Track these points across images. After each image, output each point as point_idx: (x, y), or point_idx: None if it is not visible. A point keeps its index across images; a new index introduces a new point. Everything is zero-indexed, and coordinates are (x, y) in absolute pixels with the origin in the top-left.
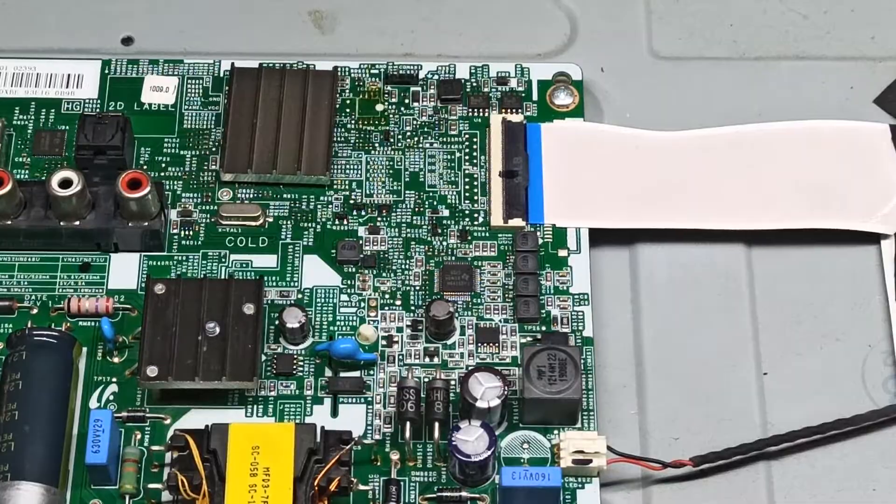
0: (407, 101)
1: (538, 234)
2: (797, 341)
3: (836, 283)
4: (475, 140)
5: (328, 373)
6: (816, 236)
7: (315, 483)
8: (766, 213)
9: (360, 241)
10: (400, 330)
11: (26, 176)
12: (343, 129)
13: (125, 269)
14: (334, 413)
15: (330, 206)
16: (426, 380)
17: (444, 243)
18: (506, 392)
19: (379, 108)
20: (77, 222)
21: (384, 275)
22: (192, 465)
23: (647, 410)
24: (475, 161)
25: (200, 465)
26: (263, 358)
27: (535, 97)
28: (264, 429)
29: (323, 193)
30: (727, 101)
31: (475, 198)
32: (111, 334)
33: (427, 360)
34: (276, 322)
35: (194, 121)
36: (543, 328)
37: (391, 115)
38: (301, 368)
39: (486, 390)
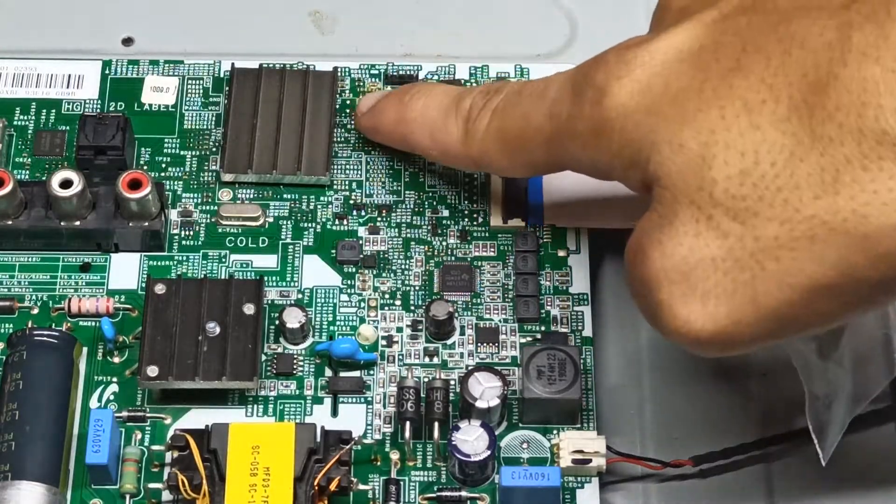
0: None
1: (538, 234)
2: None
3: None
4: None
5: (328, 373)
6: None
7: (315, 483)
8: None
9: (360, 242)
10: (400, 330)
11: (27, 176)
12: (343, 130)
13: (125, 270)
14: (334, 413)
15: (330, 206)
16: (426, 380)
17: (444, 243)
18: (505, 392)
19: None
20: (77, 222)
21: (384, 275)
22: (192, 464)
23: (646, 410)
24: None
25: (200, 465)
26: (263, 358)
27: None
28: (264, 428)
29: (323, 193)
30: None
31: (475, 198)
32: (111, 334)
33: (427, 360)
34: (276, 322)
35: (194, 121)
36: (543, 328)
37: None
38: (301, 368)
39: (486, 390)
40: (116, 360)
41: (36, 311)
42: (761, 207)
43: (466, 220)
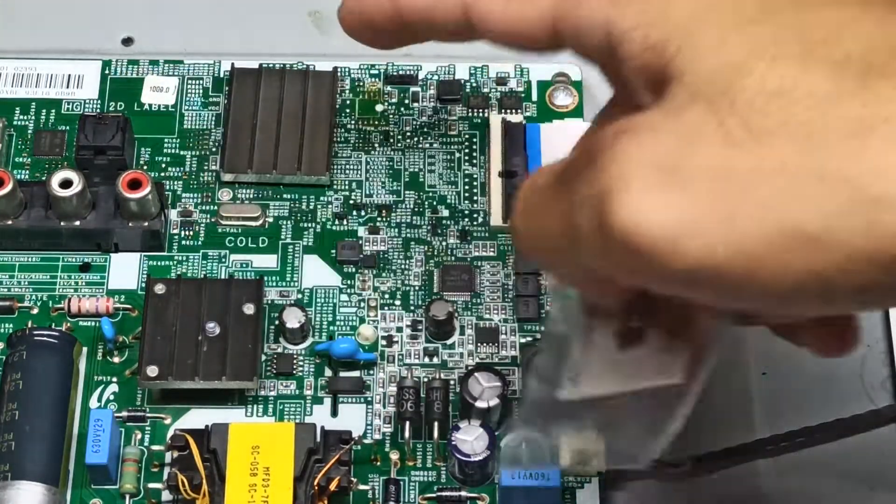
0: (406, 101)
1: None
2: None
3: None
4: (475, 140)
5: (328, 373)
6: None
7: (315, 483)
8: None
9: (360, 241)
10: (400, 330)
11: (27, 176)
12: (343, 130)
13: (125, 269)
14: (334, 413)
15: (330, 206)
16: (426, 380)
17: (444, 243)
18: (505, 392)
19: (379, 108)
20: (77, 222)
21: (384, 275)
22: (192, 464)
23: None
24: (475, 161)
25: (200, 465)
26: (263, 358)
27: (534, 97)
28: (264, 428)
29: (323, 193)
30: None
31: (475, 198)
32: (111, 334)
33: (427, 359)
34: (276, 322)
35: (194, 121)
36: (543, 328)
37: (391, 116)
38: (301, 368)
39: (486, 390)
40: (116, 360)
41: (36, 311)
42: (781, 131)
43: (466, 220)
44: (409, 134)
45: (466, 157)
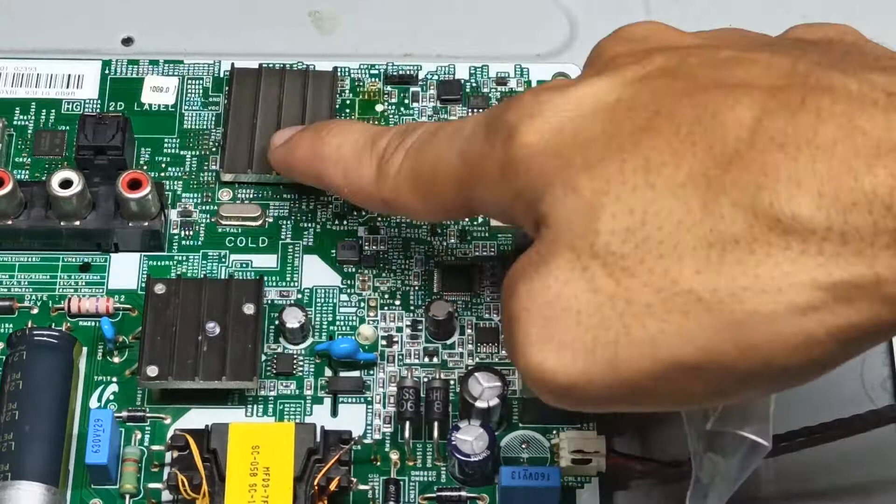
0: (406, 101)
1: None
2: None
3: None
4: None
5: (328, 373)
6: None
7: (315, 483)
8: None
9: (360, 241)
10: (400, 330)
11: (26, 176)
12: None
13: (125, 269)
14: (334, 413)
15: (330, 205)
16: (426, 380)
17: (444, 243)
18: (505, 392)
19: (379, 108)
20: (77, 222)
21: (384, 275)
22: (192, 464)
23: None
24: None
25: (200, 465)
26: (263, 358)
27: None
28: (264, 428)
29: (323, 193)
30: None
31: None
32: (111, 334)
33: (427, 359)
34: (276, 322)
35: (194, 121)
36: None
37: (391, 116)
38: (301, 368)
39: (486, 390)
40: (116, 360)
41: (36, 311)
42: (640, 271)
43: (466, 219)
44: None
45: None
